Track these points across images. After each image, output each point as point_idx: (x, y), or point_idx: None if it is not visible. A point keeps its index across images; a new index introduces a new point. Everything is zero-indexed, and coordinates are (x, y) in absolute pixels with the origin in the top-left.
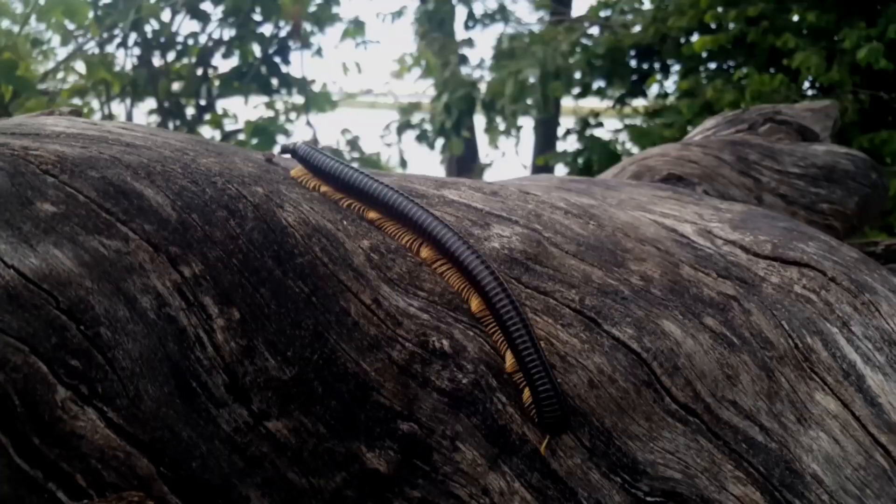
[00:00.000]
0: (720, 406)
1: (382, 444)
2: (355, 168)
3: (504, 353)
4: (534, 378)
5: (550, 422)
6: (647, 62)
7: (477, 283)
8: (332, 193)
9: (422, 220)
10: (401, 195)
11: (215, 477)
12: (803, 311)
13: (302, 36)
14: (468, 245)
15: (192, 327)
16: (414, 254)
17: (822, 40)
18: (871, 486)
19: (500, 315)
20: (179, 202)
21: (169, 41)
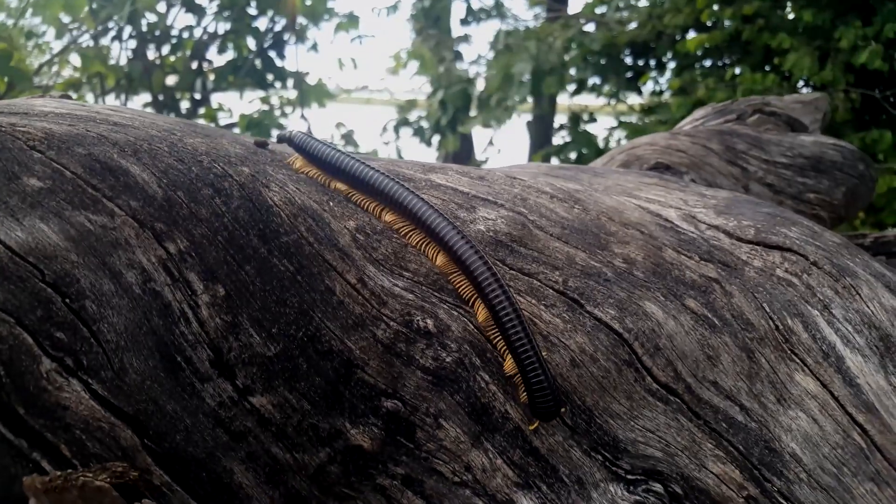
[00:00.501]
0: (701, 386)
1: (366, 420)
2: (347, 153)
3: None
4: (527, 369)
5: (543, 411)
6: (642, 59)
7: (467, 269)
8: (325, 179)
9: (411, 203)
10: (390, 179)
11: (199, 450)
12: (785, 293)
13: (297, 30)
14: (461, 234)
15: (178, 302)
16: (420, 253)
17: (817, 39)
18: (848, 465)
19: (493, 306)
20: (165, 180)
21: (164, 34)
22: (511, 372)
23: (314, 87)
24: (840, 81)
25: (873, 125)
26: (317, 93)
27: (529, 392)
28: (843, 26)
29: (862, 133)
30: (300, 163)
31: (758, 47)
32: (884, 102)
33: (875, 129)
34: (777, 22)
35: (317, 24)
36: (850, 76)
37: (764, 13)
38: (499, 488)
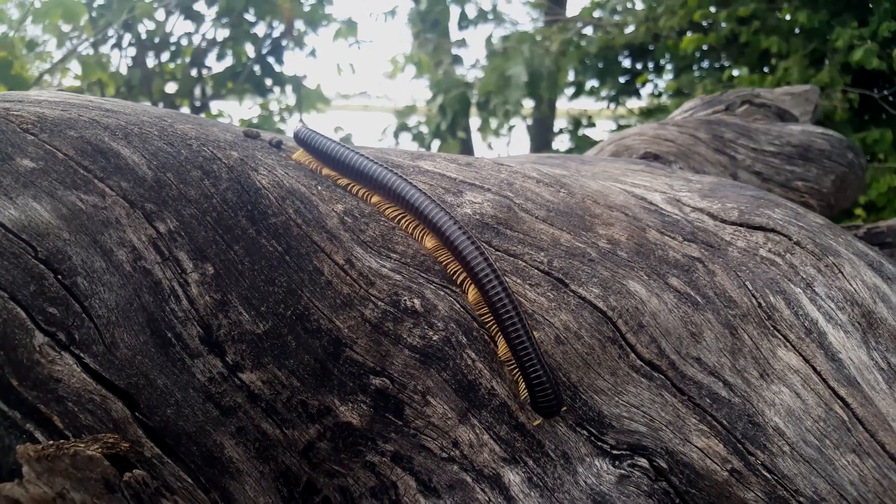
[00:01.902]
0: (684, 362)
1: (355, 398)
2: (341, 143)
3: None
4: (526, 367)
5: (544, 408)
6: (640, 62)
7: (464, 260)
8: (319, 167)
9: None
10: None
11: (190, 424)
12: (767, 272)
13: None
14: (454, 220)
15: (168, 280)
16: (408, 235)
17: (813, 40)
18: (830, 437)
19: (490, 299)
20: (155, 162)
21: (163, 42)
22: (504, 356)
23: (312, 92)
24: (838, 82)
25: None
26: (314, 97)
27: (530, 390)
28: (840, 27)
29: (863, 133)
30: (301, 154)
31: (755, 49)
32: (882, 102)
33: (875, 129)
34: (773, 23)
35: (315, 30)
36: (847, 77)
37: (760, 15)
38: (486, 463)
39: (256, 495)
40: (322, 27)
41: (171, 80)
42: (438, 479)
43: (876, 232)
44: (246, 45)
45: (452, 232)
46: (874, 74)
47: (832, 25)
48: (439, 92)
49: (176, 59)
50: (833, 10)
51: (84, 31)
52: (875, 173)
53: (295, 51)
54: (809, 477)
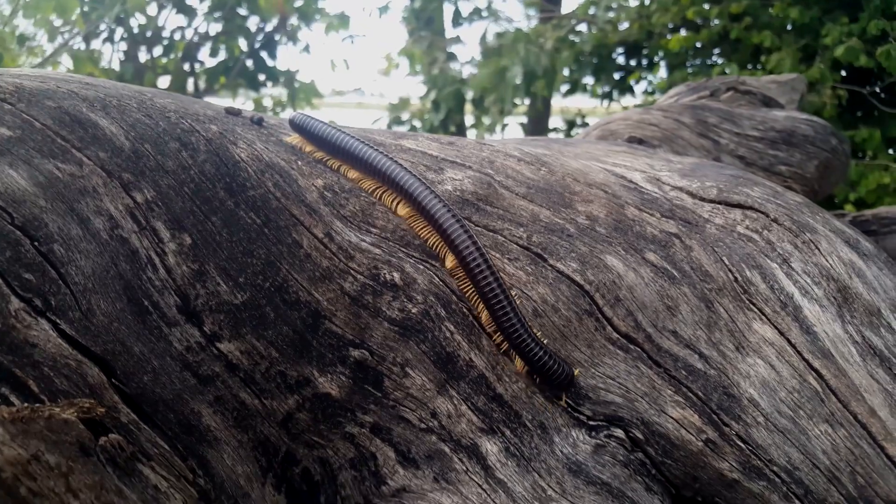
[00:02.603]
0: (661, 335)
1: (334, 369)
2: (325, 122)
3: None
4: (530, 355)
5: (558, 383)
6: (634, 59)
7: (453, 245)
8: (311, 149)
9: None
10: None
11: (167, 391)
12: (744, 248)
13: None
14: (437, 196)
15: (145, 249)
16: (388, 210)
17: (804, 36)
18: (804, 408)
19: (471, 271)
20: (133, 133)
21: (155, 36)
22: (488, 325)
23: (305, 86)
24: (828, 79)
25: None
26: (307, 91)
27: (541, 374)
28: (830, 23)
29: (851, 132)
30: (296, 139)
31: (746, 45)
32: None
33: (864, 128)
34: (766, 20)
35: (308, 25)
36: (837, 75)
37: (751, 11)
38: (463, 433)
39: (234, 464)
40: (315, 22)
41: (163, 74)
42: (417, 449)
43: (861, 220)
44: (239, 39)
45: (434, 206)
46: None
47: (823, 22)
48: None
49: (168, 54)
50: (825, 6)
51: (76, 25)
52: (864, 170)
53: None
54: (783, 446)
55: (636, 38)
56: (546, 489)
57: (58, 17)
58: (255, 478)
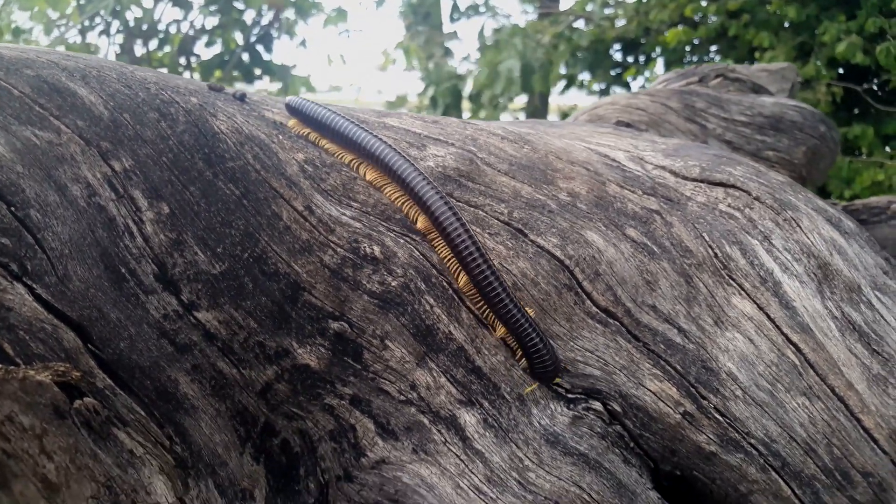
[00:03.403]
0: (640, 310)
1: (313, 341)
2: (314, 102)
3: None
4: (525, 342)
5: (541, 373)
6: (631, 55)
7: (440, 226)
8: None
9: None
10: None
11: (144, 358)
12: (725, 224)
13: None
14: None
15: (122, 217)
16: (370, 185)
17: (802, 33)
18: (781, 381)
19: (478, 280)
20: (112, 102)
21: (151, 29)
22: (466, 289)
23: (298, 79)
24: (823, 76)
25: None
26: (301, 85)
27: (529, 359)
28: (828, 21)
29: (845, 129)
30: (292, 122)
31: (743, 42)
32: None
33: (857, 125)
34: (763, 17)
35: (304, 19)
36: (833, 72)
37: (749, 8)
38: (442, 405)
39: (212, 432)
40: (311, 16)
41: (159, 67)
42: (396, 421)
43: (851, 209)
44: (235, 33)
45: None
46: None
47: (820, 20)
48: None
49: (164, 47)
50: (822, 4)
51: (71, 18)
52: (859, 167)
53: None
54: (760, 419)
55: (633, 34)
56: (523, 459)
57: (53, 10)
58: (234, 447)
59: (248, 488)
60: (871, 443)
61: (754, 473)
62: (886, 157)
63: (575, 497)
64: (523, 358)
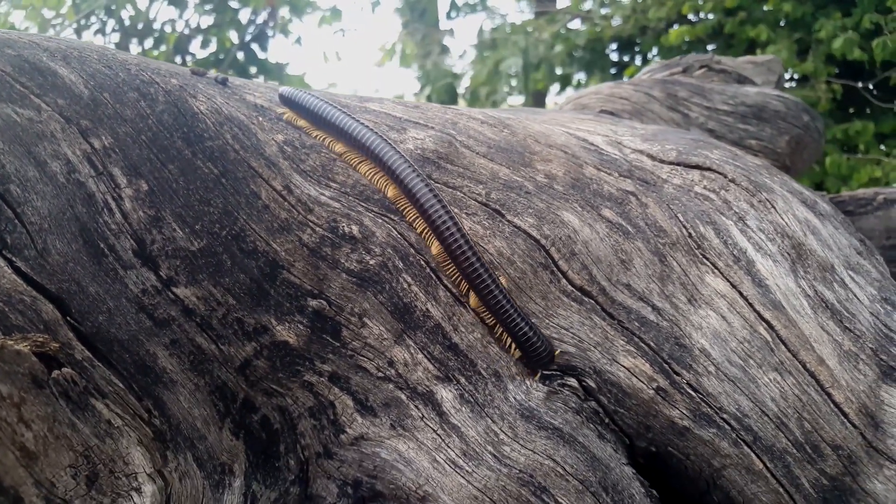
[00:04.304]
0: (615, 288)
1: (292, 318)
2: (299, 89)
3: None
4: (514, 330)
5: (535, 361)
6: (627, 54)
7: (417, 202)
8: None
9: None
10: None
11: (122, 332)
12: (700, 206)
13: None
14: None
15: (101, 194)
16: (349, 166)
17: (799, 30)
18: (754, 357)
19: (458, 261)
20: (92, 82)
21: (146, 28)
22: (444, 264)
23: (293, 78)
24: (822, 72)
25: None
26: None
27: (522, 349)
28: (824, 18)
29: (845, 125)
30: (290, 115)
31: (741, 39)
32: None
33: (857, 121)
34: (760, 15)
35: (299, 17)
36: (832, 68)
37: (745, 6)
38: (419, 381)
39: (191, 406)
40: (307, 14)
41: None
42: (374, 397)
43: (838, 201)
44: (230, 31)
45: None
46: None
47: (817, 17)
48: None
49: (160, 46)
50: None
51: (67, 17)
52: (856, 164)
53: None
54: (733, 395)
55: (630, 33)
56: (498, 433)
57: (48, 9)
58: (213, 422)
59: (228, 463)
60: (841, 416)
61: (727, 448)
62: (883, 154)
63: (549, 470)
64: (516, 349)
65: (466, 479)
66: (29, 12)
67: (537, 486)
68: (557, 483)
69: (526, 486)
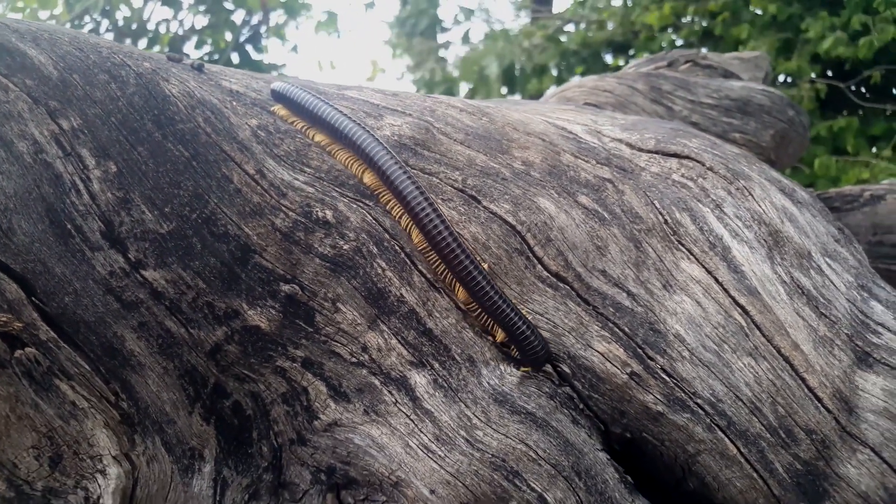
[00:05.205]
0: (590, 274)
1: (264, 303)
2: (283, 78)
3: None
4: (514, 331)
5: (532, 359)
6: (621, 58)
7: (402, 197)
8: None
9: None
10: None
11: (89, 314)
12: (677, 193)
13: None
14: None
15: (69, 175)
16: (324, 151)
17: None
18: (728, 342)
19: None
20: (62, 63)
21: (140, 28)
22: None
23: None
24: (806, 71)
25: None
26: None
27: (519, 347)
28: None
29: (829, 122)
30: (279, 108)
31: (728, 41)
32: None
33: (842, 118)
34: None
35: (294, 18)
36: (817, 67)
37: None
38: (393, 366)
39: (160, 390)
40: (301, 17)
41: None
42: (348, 383)
43: (825, 198)
44: (224, 33)
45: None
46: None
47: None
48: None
49: (153, 47)
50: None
51: (60, 17)
52: (844, 166)
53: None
54: (707, 380)
55: (622, 37)
56: (472, 418)
57: (42, 9)
58: (182, 406)
59: (198, 448)
60: (815, 401)
61: (701, 433)
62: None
63: (521, 454)
64: (513, 347)
65: (439, 463)
66: (26, 15)
67: (509, 471)
68: (530, 467)
69: (498, 471)
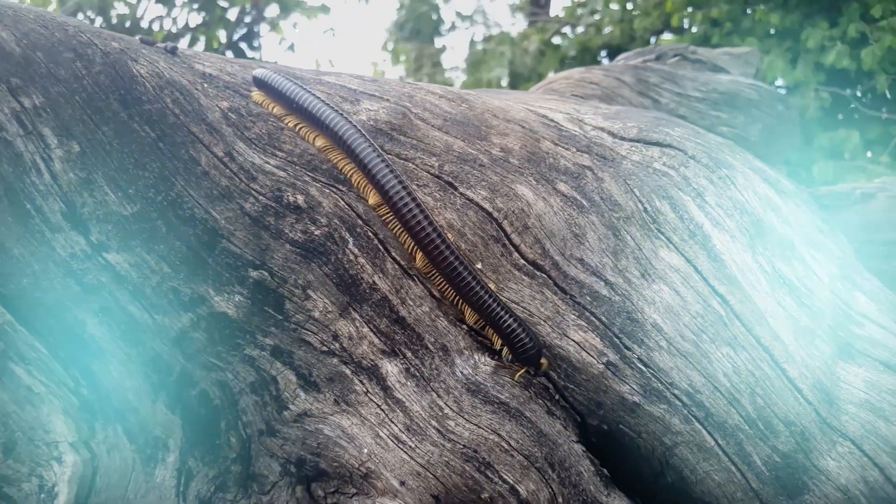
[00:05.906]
0: (567, 263)
1: (232, 289)
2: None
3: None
4: (504, 330)
5: (524, 357)
6: None
7: (378, 185)
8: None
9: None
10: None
11: (49, 297)
12: (658, 181)
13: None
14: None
15: (30, 154)
16: (296, 135)
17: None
18: (707, 332)
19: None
20: (25, 41)
21: (134, 26)
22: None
23: None
24: (811, 81)
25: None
26: None
27: (511, 346)
28: (811, 27)
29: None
30: (258, 95)
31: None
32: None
33: (842, 129)
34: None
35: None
36: (821, 76)
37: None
38: (364, 355)
39: (122, 377)
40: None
41: None
42: (318, 372)
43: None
44: (218, 30)
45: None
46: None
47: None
48: None
49: None
50: (805, 11)
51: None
52: (840, 171)
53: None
54: (685, 370)
55: (619, 41)
56: (443, 408)
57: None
58: (146, 394)
59: (162, 437)
60: (794, 392)
61: (678, 425)
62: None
63: (493, 445)
64: (504, 347)
65: (409, 454)
66: None
67: (481, 462)
68: (502, 458)
69: (470, 462)
